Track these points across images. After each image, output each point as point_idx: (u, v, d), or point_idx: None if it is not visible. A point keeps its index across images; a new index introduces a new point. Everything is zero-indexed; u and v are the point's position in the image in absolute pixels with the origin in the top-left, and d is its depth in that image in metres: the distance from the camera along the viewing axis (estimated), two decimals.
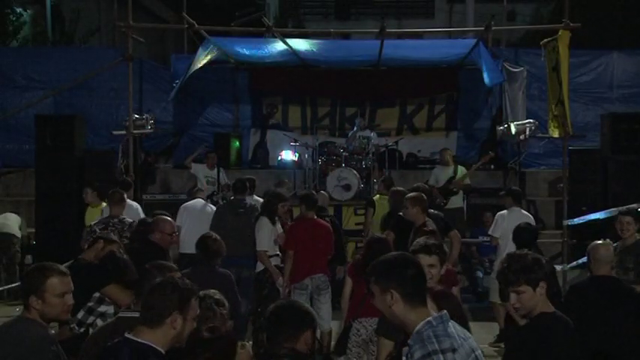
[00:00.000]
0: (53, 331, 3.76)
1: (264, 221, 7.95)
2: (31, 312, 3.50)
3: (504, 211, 8.47)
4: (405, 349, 2.88)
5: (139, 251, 5.64)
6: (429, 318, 2.86)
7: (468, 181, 11.50)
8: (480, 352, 2.93)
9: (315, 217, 7.90)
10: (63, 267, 3.70)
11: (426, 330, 2.81)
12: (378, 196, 9.95)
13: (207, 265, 5.86)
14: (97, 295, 4.85)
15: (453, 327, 2.88)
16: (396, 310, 2.88)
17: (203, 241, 5.94)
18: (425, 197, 7.24)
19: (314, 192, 8.87)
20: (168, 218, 6.61)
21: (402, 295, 2.87)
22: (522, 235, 6.34)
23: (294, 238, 7.67)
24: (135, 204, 8.94)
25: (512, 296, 3.51)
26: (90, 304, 4.84)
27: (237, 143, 14.59)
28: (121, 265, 4.64)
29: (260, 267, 8.00)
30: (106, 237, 5.78)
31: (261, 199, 9.18)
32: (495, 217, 8.55)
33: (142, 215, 8.67)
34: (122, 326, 3.60)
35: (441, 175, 11.51)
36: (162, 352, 3.01)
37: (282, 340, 3.12)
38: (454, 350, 2.78)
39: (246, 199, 8.82)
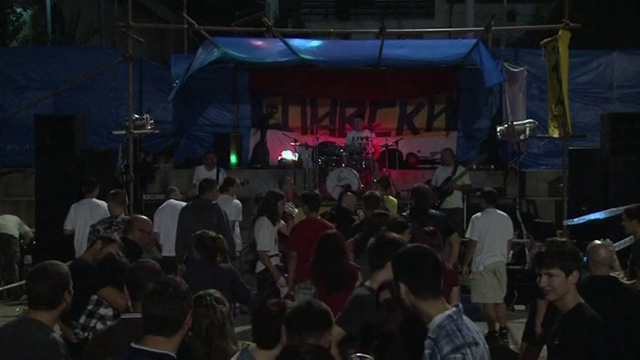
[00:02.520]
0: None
1: (264, 221, 7.91)
2: (60, 307, 3.50)
3: (479, 214, 8.46)
4: (427, 342, 2.95)
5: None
6: (449, 312, 2.96)
7: (467, 181, 11.49)
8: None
9: (319, 217, 7.83)
10: None
11: (449, 324, 2.92)
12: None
13: (209, 264, 5.82)
14: (94, 297, 4.84)
15: (468, 321, 2.99)
16: (408, 301, 3.02)
17: (201, 241, 5.88)
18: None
19: (317, 192, 8.80)
20: (146, 217, 6.62)
21: (409, 287, 3.00)
22: (543, 229, 6.35)
23: (298, 239, 7.60)
24: (102, 203, 8.73)
25: (544, 278, 3.48)
26: (89, 307, 4.82)
27: (237, 143, 14.58)
28: (119, 268, 4.63)
29: (260, 267, 8.00)
30: (106, 237, 5.77)
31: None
32: (471, 220, 8.53)
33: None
34: (128, 328, 3.59)
35: (440, 175, 11.55)
36: (176, 357, 3.00)
37: (305, 339, 3.10)
38: (477, 344, 2.91)
39: (208, 199, 8.44)
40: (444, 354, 2.85)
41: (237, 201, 9.40)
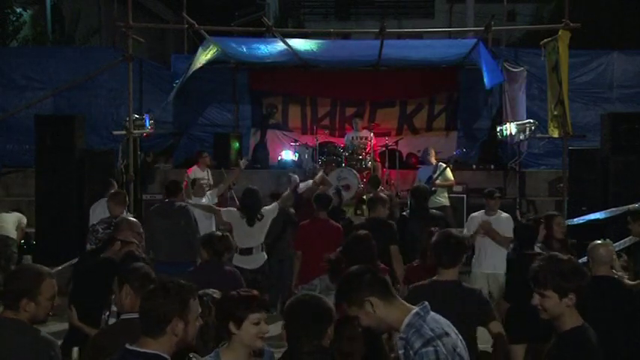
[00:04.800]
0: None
1: (269, 219, 7.99)
2: (20, 314, 3.40)
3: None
4: (399, 342, 2.99)
5: None
6: (416, 309, 3.01)
7: (449, 177, 11.17)
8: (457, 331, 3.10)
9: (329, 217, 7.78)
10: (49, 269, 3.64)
11: (417, 321, 2.97)
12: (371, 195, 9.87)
13: (214, 264, 5.81)
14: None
15: (436, 315, 3.05)
16: (380, 314, 3.02)
17: (209, 240, 5.89)
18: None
19: (327, 192, 8.79)
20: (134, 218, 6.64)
21: (378, 297, 3.02)
22: (526, 232, 6.36)
23: (304, 239, 7.54)
24: None
25: (536, 297, 3.33)
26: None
27: (237, 143, 14.57)
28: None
29: (257, 264, 7.92)
30: (123, 239, 5.79)
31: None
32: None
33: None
34: (127, 328, 3.58)
35: (422, 175, 11.33)
36: (169, 359, 2.93)
37: (309, 338, 3.12)
38: (447, 334, 2.96)
39: (177, 201, 8.33)
40: (416, 349, 2.88)
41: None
